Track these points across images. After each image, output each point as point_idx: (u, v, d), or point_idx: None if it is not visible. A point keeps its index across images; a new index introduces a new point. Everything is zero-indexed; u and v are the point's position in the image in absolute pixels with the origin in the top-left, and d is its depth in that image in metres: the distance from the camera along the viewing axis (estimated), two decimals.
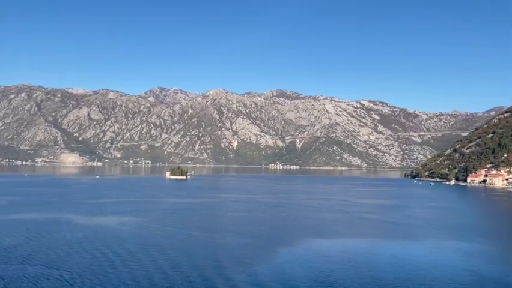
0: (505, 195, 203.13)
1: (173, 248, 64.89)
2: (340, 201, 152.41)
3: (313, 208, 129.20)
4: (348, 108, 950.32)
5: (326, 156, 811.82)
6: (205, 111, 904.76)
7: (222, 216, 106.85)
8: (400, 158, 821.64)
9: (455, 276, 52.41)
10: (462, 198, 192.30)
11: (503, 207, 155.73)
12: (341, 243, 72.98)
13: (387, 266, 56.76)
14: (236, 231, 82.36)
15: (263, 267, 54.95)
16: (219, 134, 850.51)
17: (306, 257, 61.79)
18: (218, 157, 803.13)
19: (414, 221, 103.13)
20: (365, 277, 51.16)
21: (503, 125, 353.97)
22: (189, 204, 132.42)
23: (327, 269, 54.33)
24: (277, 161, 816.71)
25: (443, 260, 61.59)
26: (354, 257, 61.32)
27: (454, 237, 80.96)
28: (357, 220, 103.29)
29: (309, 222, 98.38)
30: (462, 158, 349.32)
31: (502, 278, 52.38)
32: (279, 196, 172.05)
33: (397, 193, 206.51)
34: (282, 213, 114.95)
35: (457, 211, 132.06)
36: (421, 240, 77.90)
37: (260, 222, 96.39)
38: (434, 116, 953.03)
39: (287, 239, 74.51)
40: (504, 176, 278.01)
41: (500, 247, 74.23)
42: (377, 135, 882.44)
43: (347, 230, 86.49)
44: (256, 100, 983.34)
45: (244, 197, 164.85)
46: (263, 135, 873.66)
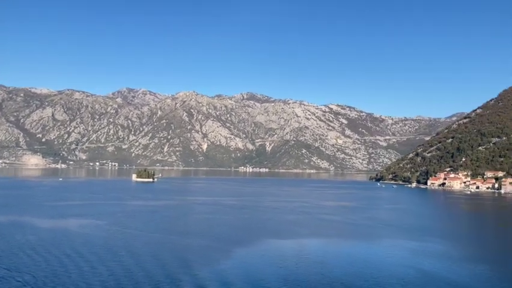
0: (461, 198, 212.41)
1: (131, 250, 65.05)
2: (304, 203, 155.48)
3: (277, 210, 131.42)
4: (317, 112, 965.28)
5: (295, 159, 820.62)
6: (175, 113, 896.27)
7: (184, 219, 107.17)
8: (367, 162, 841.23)
9: (400, 273, 55.41)
10: (420, 201, 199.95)
11: (457, 209, 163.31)
12: (297, 243, 75.19)
13: (338, 264, 59.25)
14: (196, 233, 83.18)
15: (217, 267, 56.17)
16: (188, 137, 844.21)
17: (261, 256, 63.48)
18: (187, 160, 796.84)
19: (371, 222, 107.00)
20: (315, 274, 53.34)
21: (462, 130, 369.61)
22: (153, 206, 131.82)
23: (280, 268, 56.18)
24: (247, 163, 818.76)
25: (392, 258, 64.80)
26: (308, 256, 63.57)
27: (406, 237, 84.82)
28: (317, 221, 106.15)
29: (270, 223, 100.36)
30: (423, 162, 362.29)
31: (444, 274, 55.64)
32: (245, 198, 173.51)
33: (360, 195, 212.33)
34: (245, 215, 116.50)
35: (413, 212, 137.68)
36: (375, 240, 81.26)
37: (222, 224, 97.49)
38: (400, 121, 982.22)
39: (245, 240, 76.05)
40: (462, 179, 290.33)
41: (448, 246, 78.33)
42: (344, 139, 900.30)
43: (305, 231, 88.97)
44: (227, 103, 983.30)
45: (210, 199, 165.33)
46: (233, 138, 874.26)
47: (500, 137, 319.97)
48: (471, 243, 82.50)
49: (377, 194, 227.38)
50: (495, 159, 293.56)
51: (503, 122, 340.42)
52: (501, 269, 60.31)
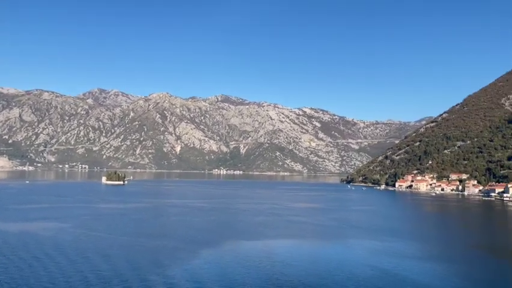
0: (426, 199, 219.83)
1: (96, 252, 64.89)
2: (274, 205, 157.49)
3: (247, 212, 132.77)
4: (290, 115, 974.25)
5: (269, 161, 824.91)
6: (148, 115, 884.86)
7: (153, 221, 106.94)
8: (339, 164, 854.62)
9: (357, 271, 57.68)
10: (386, 202, 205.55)
11: (420, 210, 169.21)
12: (262, 244, 76.73)
13: (300, 264, 61.06)
14: (163, 235, 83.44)
15: (180, 268, 56.96)
16: (161, 139, 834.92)
17: (224, 257, 64.64)
18: (160, 162, 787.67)
19: (338, 223, 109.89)
20: (276, 273, 54.94)
21: (429, 134, 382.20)
22: (121, 209, 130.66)
23: (242, 268, 57.50)
24: (221, 166, 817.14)
25: (353, 257, 67.27)
26: (271, 256, 65.16)
27: (369, 237, 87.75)
28: (285, 223, 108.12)
29: (238, 225, 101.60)
30: (392, 165, 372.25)
31: (400, 272, 58.24)
32: (217, 201, 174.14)
33: (329, 197, 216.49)
34: (213, 217, 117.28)
35: (379, 213, 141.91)
36: (339, 240, 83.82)
37: (189, 226, 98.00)
38: (371, 125, 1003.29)
39: (211, 241, 77.00)
40: (428, 182, 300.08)
41: (408, 245, 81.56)
42: (317, 141, 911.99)
43: (271, 232, 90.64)
44: (201, 105, 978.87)
45: (181, 202, 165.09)
46: (207, 140, 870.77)
47: (465, 140, 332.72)
48: (430, 243, 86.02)
49: (346, 196, 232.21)
50: (459, 162, 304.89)
51: (468, 126, 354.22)
52: (456, 267, 63.42)
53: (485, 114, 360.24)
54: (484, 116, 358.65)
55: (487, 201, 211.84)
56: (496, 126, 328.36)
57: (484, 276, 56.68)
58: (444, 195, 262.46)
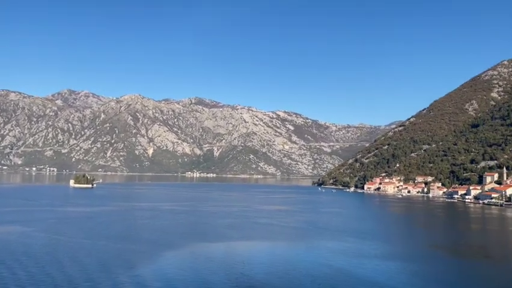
0: (392, 201, 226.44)
1: (56, 256, 64.45)
2: (244, 208, 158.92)
3: (215, 214, 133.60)
4: (264, 118, 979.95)
5: (243, 164, 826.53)
6: (119, 117, 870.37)
7: (119, 224, 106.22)
8: (312, 167, 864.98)
9: (315, 270, 59.79)
10: (354, 204, 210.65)
11: (386, 211, 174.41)
12: (226, 246, 78.00)
13: (260, 264, 62.67)
14: (127, 238, 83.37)
15: (140, 271, 57.37)
16: (133, 141, 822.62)
17: (186, 259, 65.61)
18: (132, 165, 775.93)
19: (304, 225, 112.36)
20: (235, 273, 56.31)
21: (397, 138, 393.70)
22: (88, 213, 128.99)
23: (203, 269, 58.56)
24: (194, 169, 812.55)
25: (312, 257, 69.40)
26: (233, 257, 66.51)
27: (332, 238, 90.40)
28: (252, 225, 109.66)
29: (205, 227, 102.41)
30: (362, 167, 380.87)
31: (356, 271, 60.59)
32: (186, 204, 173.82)
33: (299, 200, 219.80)
34: (181, 219, 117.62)
35: (345, 215, 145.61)
36: (302, 241, 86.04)
37: (155, 228, 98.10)
38: (343, 128, 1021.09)
39: (174, 244, 77.62)
40: (395, 184, 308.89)
41: (367, 245, 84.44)
42: (291, 144, 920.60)
43: (237, 234, 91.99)
44: (174, 107, 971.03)
45: (150, 205, 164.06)
46: (180, 143, 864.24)
47: (430, 144, 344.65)
48: (391, 243, 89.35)
49: (315, 198, 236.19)
50: (425, 165, 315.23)
51: (434, 130, 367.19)
52: (413, 266, 66.26)
53: (450, 119, 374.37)
54: (448, 121, 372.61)
55: (449, 203, 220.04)
56: (460, 131, 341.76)
57: (439, 275, 59.60)
58: (410, 197, 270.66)
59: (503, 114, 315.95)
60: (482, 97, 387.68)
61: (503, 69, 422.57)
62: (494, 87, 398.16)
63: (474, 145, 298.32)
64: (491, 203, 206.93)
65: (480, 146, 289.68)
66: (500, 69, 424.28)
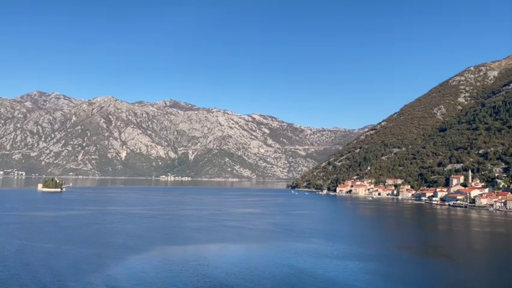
0: (362, 203, 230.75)
1: (16, 260, 63.11)
2: (215, 211, 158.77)
3: (185, 218, 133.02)
4: (240, 121, 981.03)
5: (218, 167, 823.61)
6: (91, 119, 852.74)
7: (85, 229, 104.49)
8: (287, 170, 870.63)
9: (276, 270, 60.85)
10: (325, 206, 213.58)
11: (355, 213, 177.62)
12: (191, 248, 78.17)
13: (223, 265, 63.20)
14: (92, 242, 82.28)
15: (101, 274, 57.03)
16: (105, 144, 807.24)
17: (149, 262, 65.45)
18: (104, 168, 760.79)
19: (272, 227, 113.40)
20: (198, 275, 56.70)
21: (369, 141, 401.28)
22: (54, 217, 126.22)
23: (165, 271, 58.71)
24: (168, 172, 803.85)
25: (275, 258, 70.40)
26: (197, 260, 66.83)
27: (298, 239, 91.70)
28: (221, 228, 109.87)
29: (172, 231, 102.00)
30: (334, 170, 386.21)
31: (316, 271, 62.00)
32: (157, 207, 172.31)
33: (271, 202, 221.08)
34: (150, 223, 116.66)
35: (313, 217, 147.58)
36: (267, 242, 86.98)
37: (122, 232, 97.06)
38: (317, 132, 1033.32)
39: (140, 247, 77.18)
40: (366, 187, 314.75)
41: (333, 246, 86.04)
42: (266, 148, 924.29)
43: (204, 237, 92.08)
44: (148, 110, 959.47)
45: (120, 209, 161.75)
46: (154, 146, 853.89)
47: (400, 147, 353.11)
48: (356, 244, 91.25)
49: (288, 201, 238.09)
50: (395, 168, 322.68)
51: (404, 134, 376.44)
52: (373, 265, 68.08)
53: (419, 123, 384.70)
54: (418, 125, 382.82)
55: (417, 205, 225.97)
56: (429, 135, 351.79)
57: (396, 274, 61.60)
58: (380, 199, 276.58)
59: (469, 119, 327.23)
60: (450, 102, 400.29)
61: (469, 75, 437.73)
62: (461, 93, 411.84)
63: (442, 149, 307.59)
64: (456, 204, 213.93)
65: (447, 150, 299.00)
66: (467, 75, 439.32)
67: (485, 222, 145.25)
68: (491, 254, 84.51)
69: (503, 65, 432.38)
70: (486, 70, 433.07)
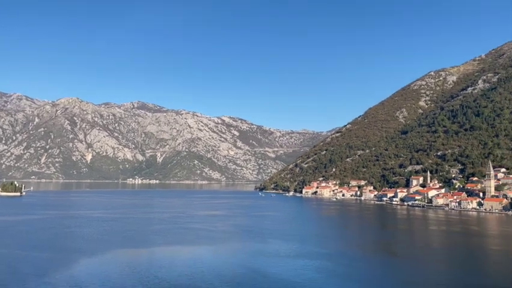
0: (327, 204, 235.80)
1: None
2: (177, 214, 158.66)
3: (146, 221, 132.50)
4: (209, 123, 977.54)
5: (187, 170, 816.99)
6: (55, 121, 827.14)
7: (40, 233, 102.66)
8: (256, 172, 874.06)
9: (228, 271, 62.52)
10: (289, 207, 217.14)
11: (317, 214, 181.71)
12: (147, 251, 78.72)
13: (176, 267, 64.26)
14: (46, 246, 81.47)
15: (53, 277, 56.79)
16: (70, 147, 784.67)
17: (102, 265, 65.65)
18: (69, 171, 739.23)
19: (232, 228, 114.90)
20: (149, 276, 57.55)
21: (335, 144, 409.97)
22: (10, 222, 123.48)
23: (116, 274, 59.15)
24: (136, 175, 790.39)
25: (229, 259, 72.17)
26: (151, 261, 67.61)
27: (256, 240, 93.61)
28: (180, 230, 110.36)
29: (131, 234, 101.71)
30: (301, 172, 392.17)
31: (265, 269, 63.95)
32: (119, 211, 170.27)
33: (237, 204, 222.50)
34: (108, 227, 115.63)
35: (275, 218, 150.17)
36: (223, 244, 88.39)
37: (78, 236, 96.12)
38: (286, 134, 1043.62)
39: (95, 251, 76.97)
40: (331, 188, 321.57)
41: (290, 246, 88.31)
42: (236, 150, 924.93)
43: (161, 239, 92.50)
44: (115, 111, 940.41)
45: (81, 213, 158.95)
46: (121, 149, 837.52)
47: (364, 149, 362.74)
48: (309, 243, 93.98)
49: (253, 203, 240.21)
50: (359, 170, 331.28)
51: (368, 136, 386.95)
52: (321, 263, 70.71)
53: (382, 125, 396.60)
54: (381, 128, 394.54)
55: (379, 205, 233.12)
56: (391, 137, 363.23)
57: (344, 271, 64.34)
58: (344, 200, 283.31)
59: (429, 122, 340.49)
60: (411, 105, 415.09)
61: (430, 79, 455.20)
62: (422, 97, 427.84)
63: (403, 150, 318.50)
64: (415, 204, 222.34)
65: (408, 152, 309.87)
66: (427, 79, 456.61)
67: (439, 221, 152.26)
68: (439, 251, 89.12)
69: (462, 70, 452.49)
70: (445, 75, 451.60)
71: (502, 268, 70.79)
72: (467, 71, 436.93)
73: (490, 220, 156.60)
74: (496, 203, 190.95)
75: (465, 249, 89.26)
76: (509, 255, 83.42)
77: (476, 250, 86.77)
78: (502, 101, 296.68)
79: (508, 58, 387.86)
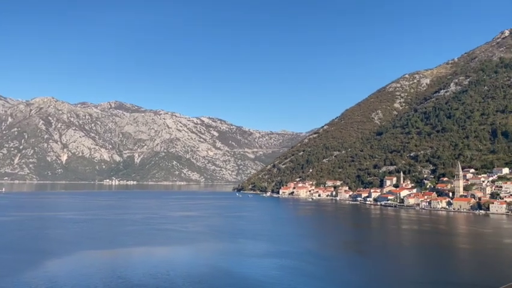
0: (303, 204, 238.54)
1: None
2: (152, 215, 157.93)
3: (118, 222, 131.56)
4: (188, 124, 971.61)
5: (165, 171, 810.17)
6: (29, 121, 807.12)
7: (8, 235, 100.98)
8: (236, 173, 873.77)
9: (193, 270, 63.41)
10: (265, 208, 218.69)
11: (292, 214, 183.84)
12: (114, 252, 78.76)
13: (141, 267, 64.73)
14: (11, 248, 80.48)
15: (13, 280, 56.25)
16: (45, 147, 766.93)
17: (66, 267, 65.53)
18: (43, 172, 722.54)
19: (203, 229, 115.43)
20: (112, 277, 57.77)
21: (312, 145, 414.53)
22: None
23: (79, 275, 59.07)
24: (113, 176, 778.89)
25: (195, 259, 73.04)
26: (116, 262, 67.91)
27: (225, 240, 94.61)
28: (151, 231, 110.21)
29: (100, 235, 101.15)
30: (279, 173, 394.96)
31: (230, 268, 65.00)
32: (92, 212, 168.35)
33: (212, 205, 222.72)
34: (78, 228, 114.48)
35: (249, 218, 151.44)
36: (192, 244, 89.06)
37: (46, 238, 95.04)
38: (266, 135, 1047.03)
39: (62, 252, 76.65)
40: (308, 188, 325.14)
41: (255, 245, 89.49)
42: (215, 150, 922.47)
43: (131, 241, 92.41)
44: (92, 111, 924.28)
45: (52, 214, 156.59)
46: (98, 149, 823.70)
47: (341, 150, 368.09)
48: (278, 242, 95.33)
49: (229, 204, 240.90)
50: (335, 170, 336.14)
51: (344, 137, 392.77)
52: (286, 262, 72.06)
53: (358, 127, 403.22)
54: (357, 129, 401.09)
55: (353, 205, 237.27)
56: (367, 138, 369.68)
57: (308, 268, 65.81)
58: (320, 200, 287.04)
59: (403, 123, 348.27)
60: (386, 107, 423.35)
61: (405, 82, 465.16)
62: (396, 99, 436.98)
63: (378, 151, 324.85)
64: (387, 204, 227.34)
65: (382, 153, 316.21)
66: (402, 82, 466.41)
67: (409, 220, 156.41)
68: (406, 249, 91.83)
69: (435, 73, 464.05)
70: (420, 78, 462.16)
71: (466, 265, 73.78)
72: (441, 74, 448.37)
73: (458, 219, 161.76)
74: (464, 202, 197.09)
75: (431, 247, 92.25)
76: (475, 253, 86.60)
77: (441, 248, 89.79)
78: (472, 104, 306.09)
79: (480, 62, 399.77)
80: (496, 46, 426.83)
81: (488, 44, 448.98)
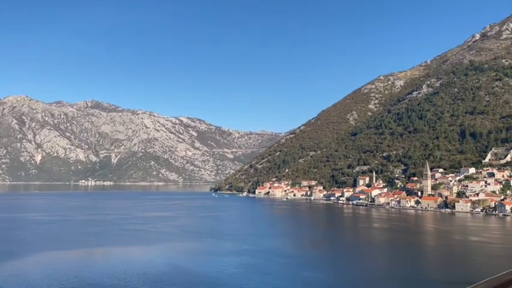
0: (278, 204, 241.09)
1: None
2: (122, 215, 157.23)
3: (86, 223, 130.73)
4: (167, 123, 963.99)
5: (143, 171, 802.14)
6: (1, 120, 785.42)
7: None
8: (214, 173, 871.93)
9: (151, 269, 64.31)
10: (239, 208, 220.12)
11: (264, 213, 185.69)
12: (76, 253, 78.73)
13: (101, 267, 65.23)
14: None
15: None
16: (18, 147, 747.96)
17: (22, 268, 65.21)
18: (16, 173, 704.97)
19: (172, 229, 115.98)
20: (70, 277, 58.10)
21: (288, 145, 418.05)
22: None
23: (35, 275, 59.14)
24: (89, 176, 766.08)
25: (156, 258, 73.88)
26: (77, 262, 68.10)
27: (189, 240, 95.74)
28: (119, 232, 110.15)
29: (64, 236, 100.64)
30: (256, 173, 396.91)
31: (189, 267, 66.08)
32: (62, 213, 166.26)
33: (186, 205, 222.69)
34: (44, 229, 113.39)
35: (220, 218, 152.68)
36: (156, 244, 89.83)
37: (8, 239, 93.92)
38: (245, 135, 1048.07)
39: (20, 254, 76.04)
40: (283, 188, 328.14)
41: (219, 244, 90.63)
42: (194, 151, 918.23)
43: (96, 241, 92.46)
44: (67, 110, 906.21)
45: (19, 215, 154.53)
46: (73, 149, 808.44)
47: (316, 150, 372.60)
48: (243, 241, 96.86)
49: (204, 204, 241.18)
50: (310, 170, 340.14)
51: (320, 138, 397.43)
52: (248, 260, 73.55)
53: (334, 127, 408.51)
54: (333, 129, 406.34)
55: (326, 204, 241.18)
56: (342, 139, 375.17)
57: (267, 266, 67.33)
58: (295, 199, 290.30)
59: (377, 124, 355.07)
60: (361, 108, 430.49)
61: (379, 83, 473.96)
62: (371, 100, 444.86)
63: (352, 152, 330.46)
64: (359, 203, 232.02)
65: (356, 153, 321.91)
66: (377, 83, 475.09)
67: (379, 218, 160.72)
68: (369, 246, 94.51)
69: (408, 75, 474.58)
70: (394, 79, 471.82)
71: (432, 262, 76.66)
72: (414, 76, 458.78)
73: (425, 217, 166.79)
74: (431, 201, 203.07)
75: (398, 245, 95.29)
76: (440, 250, 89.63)
77: (408, 246, 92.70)
78: (443, 105, 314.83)
79: (451, 64, 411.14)
80: (467, 49, 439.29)
81: (459, 47, 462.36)
